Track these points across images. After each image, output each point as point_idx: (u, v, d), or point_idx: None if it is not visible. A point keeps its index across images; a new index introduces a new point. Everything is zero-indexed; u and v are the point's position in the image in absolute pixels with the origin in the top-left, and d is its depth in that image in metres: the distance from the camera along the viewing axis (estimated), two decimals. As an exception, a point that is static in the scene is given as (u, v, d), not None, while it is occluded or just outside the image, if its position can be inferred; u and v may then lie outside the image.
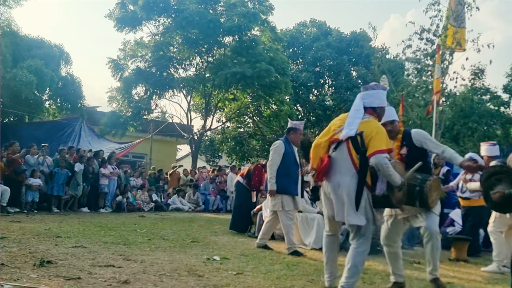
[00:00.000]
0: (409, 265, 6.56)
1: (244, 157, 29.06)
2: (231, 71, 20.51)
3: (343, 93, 26.24)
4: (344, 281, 4.21)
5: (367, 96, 4.44)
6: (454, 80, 15.01)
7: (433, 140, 4.77)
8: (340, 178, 4.18)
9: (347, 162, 4.19)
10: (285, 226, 6.98)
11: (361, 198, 4.10)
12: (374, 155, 4.04)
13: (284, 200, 6.93)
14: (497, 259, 6.43)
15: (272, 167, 6.95)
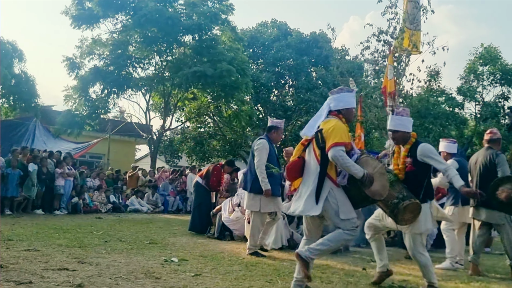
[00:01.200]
0: (366, 263, 6.65)
1: (205, 157, 28.87)
2: (191, 70, 20.32)
3: (304, 94, 26.41)
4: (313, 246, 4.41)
5: (332, 100, 4.70)
6: (410, 81, 15.30)
7: (437, 158, 4.80)
8: (307, 177, 4.50)
9: (313, 160, 4.49)
10: (254, 227, 6.91)
11: (321, 190, 4.32)
12: (330, 149, 4.27)
13: (262, 201, 6.81)
14: (450, 256, 6.59)
15: (262, 166, 6.77)
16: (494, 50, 25.68)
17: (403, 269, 6.29)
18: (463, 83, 26.15)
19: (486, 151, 6.38)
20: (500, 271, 6.65)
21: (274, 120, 7.37)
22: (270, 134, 7.11)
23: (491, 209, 6.05)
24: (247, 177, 7.04)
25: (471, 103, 26.71)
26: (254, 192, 6.83)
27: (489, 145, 6.45)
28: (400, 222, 4.63)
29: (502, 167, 6.03)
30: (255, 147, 6.94)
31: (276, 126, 7.15)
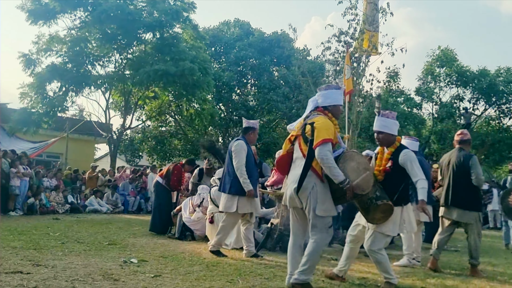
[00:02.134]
0: (326, 261, 6.71)
1: (166, 156, 28.58)
2: (153, 68, 20.05)
3: (266, 93, 26.49)
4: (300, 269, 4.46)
5: (319, 96, 4.75)
6: (370, 82, 15.57)
7: (415, 167, 4.86)
8: (293, 171, 4.61)
9: (299, 155, 4.59)
10: (223, 227, 6.83)
11: (303, 180, 4.37)
12: (317, 146, 4.32)
13: (240, 202, 6.71)
14: (407, 253, 6.72)
15: (242, 167, 6.67)
16: (450, 52, 26.46)
17: (362, 267, 6.38)
18: (421, 84, 26.86)
19: (459, 152, 6.52)
20: (455, 267, 6.84)
21: (249, 121, 7.28)
22: (247, 135, 7.04)
23: (463, 209, 6.29)
24: (225, 179, 6.90)
25: (429, 103, 27.48)
26: (232, 193, 6.72)
27: (460, 146, 6.61)
28: (371, 221, 4.71)
29: (476, 170, 6.24)
30: (232, 149, 6.84)
31: (253, 127, 7.11)
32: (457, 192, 6.29)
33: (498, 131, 25.34)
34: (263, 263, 6.19)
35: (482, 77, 25.48)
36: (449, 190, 6.36)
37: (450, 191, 6.34)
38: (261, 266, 5.96)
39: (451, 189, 6.34)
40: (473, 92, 26.34)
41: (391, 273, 4.87)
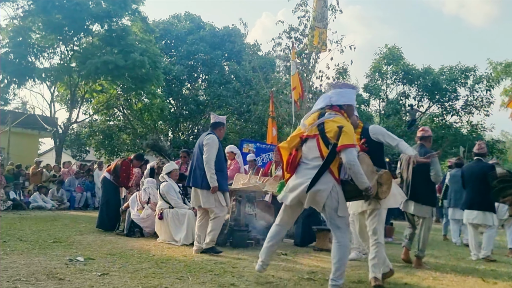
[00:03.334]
0: (276, 256, 6.75)
1: (114, 151, 27.96)
2: (101, 60, 19.52)
3: (217, 88, 26.37)
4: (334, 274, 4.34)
5: (334, 95, 4.54)
6: (319, 78, 15.78)
7: (390, 134, 5.03)
8: (303, 171, 4.41)
9: (313, 156, 4.40)
10: (218, 222, 6.74)
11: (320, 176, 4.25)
12: (344, 150, 4.19)
13: (219, 197, 6.69)
14: (355, 247, 6.86)
15: (211, 162, 6.62)
16: (397, 50, 27.17)
17: (311, 261, 6.47)
18: (369, 81, 27.44)
19: (420, 148, 6.70)
20: (400, 259, 7.03)
21: (219, 116, 7.24)
22: (217, 130, 6.97)
23: (420, 203, 6.53)
24: (196, 173, 6.76)
25: (376, 100, 28.13)
26: (207, 189, 6.63)
27: (421, 142, 6.82)
28: (381, 195, 4.65)
29: (435, 166, 6.46)
30: (204, 142, 6.74)
31: (222, 122, 7.10)
32: (415, 187, 6.47)
33: (441, 127, 26.22)
34: (212, 259, 6.16)
35: (427, 75, 26.30)
36: (408, 184, 6.52)
37: (409, 186, 6.50)
38: (211, 262, 5.93)
39: (410, 183, 6.50)
40: (418, 90, 27.14)
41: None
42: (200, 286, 4.45)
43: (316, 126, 4.42)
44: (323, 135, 4.34)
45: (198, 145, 6.92)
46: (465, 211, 7.95)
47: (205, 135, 6.89)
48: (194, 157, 6.99)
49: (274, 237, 4.73)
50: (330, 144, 4.28)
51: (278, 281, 4.91)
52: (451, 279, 5.69)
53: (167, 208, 7.87)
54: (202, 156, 6.73)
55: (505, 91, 27.33)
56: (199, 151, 6.83)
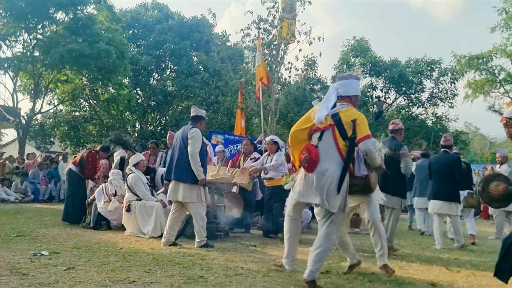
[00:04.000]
0: (245, 248, 6.76)
1: (80, 143, 27.40)
2: (66, 48, 19.04)
3: (185, 79, 26.11)
4: (312, 265, 4.30)
5: (341, 86, 4.53)
6: (288, 70, 15.79)
7: None
8: (325, 166, 4.27)
9: (332, 151, 4.31)
10: (201, 218, 6.66)
11: (342, 184, 4.24)
12: (363, 141, 4.22)
13: (200, 191, 6.65)
14: None
15: (196, 155, 6.57)
16: (364, 43, 27.43)
17: (280, 252, 6.47)
18: (337, 72, 27.60)
19: (391, 141, 6.89)
20: (367, 249, 7.15)
21: (200, 110, 7.20)
22: (199, 124, 6.94)
23: (390, 194, 6.67)
24: (180, 167, 6.67)
25: (344, 92, 28.29)
26: (190, 183, 6.59)
27: (392, 135, 7.01)
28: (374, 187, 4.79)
29: (405, 159, 6.66)
30: (189, 135, 6.65)
31: (203, 116, 7.10)
32: (386, 178, 6.53)
33: (408, 119, 26.63)
34: (181, 252, 6.11)
35: (394, 67, 26.65)
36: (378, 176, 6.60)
37: (380, 177, 6.57)
38: (179, 254, 5.88)
39: (382, 177, 6.58)
40: (385, 82, 27.48)
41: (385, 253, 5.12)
42: (169, 279, 4.41)
43: (330, 116, 4.36)
44: (340, 126, 4.30)
45: (180, 138, 6.80)
46: (431, 201, 8.13)
47: (189, 128, 6.79)
48: (175, 150, 6.87)
49: (292, 232, 4.74)
50: (346, 137, 4.27)
51: (247, 272, 4.91)
52: (416, 268, 5.80)
53: (135, 200, 7.77)
54: (185, 149, 6.66)
55: (469, 83, 27.97)
56: (182, 144, 6.73)
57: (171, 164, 6.86)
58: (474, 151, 46.49)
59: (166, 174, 7.00)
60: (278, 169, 8.25)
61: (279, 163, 8.23)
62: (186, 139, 6.68)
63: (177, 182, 6.66)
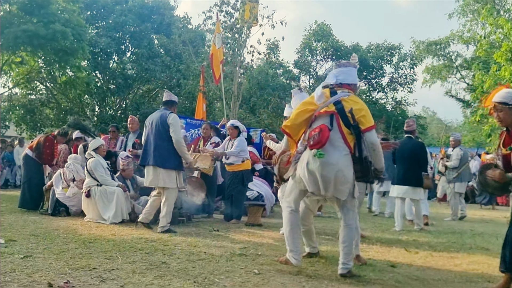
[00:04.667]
0: (208, 233, 6.73)
1: (36, 127, 26.59)
2: (21, 28, 18.34)
3: (145, 62, 25.58)
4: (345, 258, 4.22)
5: (340, 73, 4.39)
6: (251, 53, 15.72)
7: None
8: (331, 155, 4.09)
9: (338, 139, 4.15)
10: (170, 204, 6.64)
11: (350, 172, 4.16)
12: (370, 131, 4.13)
13: (178, 177, 6.63)
14: None
15: (182, 141, 6.69)
16: (326, 27, 27.54)
17: (243, 237, 6.50)
18: (299, 57, 27.69)
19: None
20: (329, 232, 7.25)
21: (173, 95, 7.19)
22: (173, 108, 6.94)
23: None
24: (160, 153, 6.61)
25: (306, 76, 28.51)
26: (171, 168, 6.59)
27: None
28: None
29: None
30: (169, 122, 6.62)
31: (176, 101, 7.13)
32: None
33: (368, 103, 27.00)
34: (143, 237, 6.03)
35: (355, 52, 26.88)
36: None
37: None
38: (141, 240, 5.80)
39: None
40: (346, 66, 27.74)
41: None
42: (130, 266, 4.34)
43: (332, 103, 4.21)
44: (343, 114, 4.16)
45: (158, 124, 6.70)
46: (396, 186, 8.34)
47: (167, 114, 6.73)
48: (152, 136, 6.75)
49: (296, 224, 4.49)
50: (350, 124, 4.14)
51: (210, 257, 4.88)
52: (376, 249, 5.92)
53: (95, 186, 7.60)
54: (165, 135, 6.62)
55: (427, 69, 28.60)
56: (161, 129, 6.66)
57: (147, 149, 6.78)
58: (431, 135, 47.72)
59: (142, 159, 6.89)
60: (239, 155, 8.23)
61: (240, 148, 8.20)
62: (166, 125, 6.63)
63: (157, 168, 6.62)
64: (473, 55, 28.16)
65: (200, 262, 4.62)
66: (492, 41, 21.72)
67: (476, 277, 4.47)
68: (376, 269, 4.66)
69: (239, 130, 8.41)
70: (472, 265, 5.10)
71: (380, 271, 4.55)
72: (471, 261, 5.30)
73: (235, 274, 4.19)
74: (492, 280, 4.35)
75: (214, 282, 3.86)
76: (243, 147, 8.28)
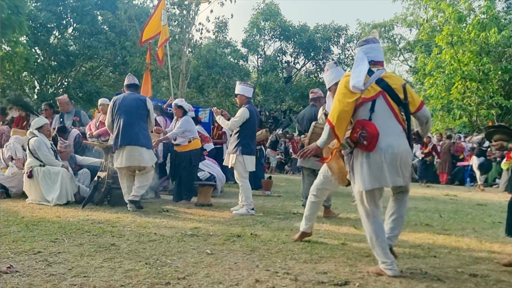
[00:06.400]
0: (157, 213, 6.61)
1: (-28, 104, 25.26)
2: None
3: (88, 38, 24.63)
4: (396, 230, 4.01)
5: (371, 50, 3.94)
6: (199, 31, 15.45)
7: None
8: (389, 141, 3.62)
9: (391, 120, 3.73)
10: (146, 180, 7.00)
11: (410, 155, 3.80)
12: (423, 107, 3.88)
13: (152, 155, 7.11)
14: (246, 203, 6.92)
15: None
16: (274, 7, 27.48)
17: (193, 217, 6.42)
18: (247, 36, 27.54)
19: (311, 108, 7.26)
20: (279, 211, 7.28)
21: (135, 78, 7.38)
22: (138, 91, 7.31)
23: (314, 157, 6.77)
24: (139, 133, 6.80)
25: (254, 56, 28.43)
26: (149, 147, 6.94)
27: (312, 103, 7.35)
28: None
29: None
30: (149, 107, 7.02)
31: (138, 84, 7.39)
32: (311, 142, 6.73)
33: (316, 84, 27.33)
34: (90, 219, 5.84)
35: (303, 32, 27.06)
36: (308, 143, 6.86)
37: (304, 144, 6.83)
38: (87, 222, 5.61)
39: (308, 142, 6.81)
40: (294, 47, 27.87)
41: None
42: (78, 248, 4.18)
43: (374, 83, 3.78)
44: (391, 91, 3.76)
45: (134, 105, 6.90)
46: None
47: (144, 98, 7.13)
48: (129, 116, 6.84)
49: (382, 231, 3.80)
50: (401, 102, 3.76)
51: (161, 238, 4.78)
52: (326, 228, 5.99)
53: (38, 166, 7.28)
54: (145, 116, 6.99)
55: (372, 50, 29.10)
56: (141, 112, 6.93)
57: (125, 130, 6.78)
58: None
59: (122, 140, 6.77)
60: (184, 135, 8.08)
61: (184, 128, 8.06)
62: (145, 109, 6.97)
63: (138, 148, 6.77)
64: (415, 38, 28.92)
65: (151, 243, 4.51)
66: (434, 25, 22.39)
67: (422, 253, 4.59)
68: (327, 247, 4.71)
69: (184, 110, 8.24)
70: (418, 240, 5.24)
71: (331, 249, 4.59)
72: (416, 237, 5.45)
73: (187, 254, 4.12)
74: (438, 255, 4.48)
75: (166, 263, 3.77)
76: (187, 127, 8.11)
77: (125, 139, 6.74)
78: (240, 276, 3.49)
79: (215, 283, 3.30)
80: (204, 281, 3.33)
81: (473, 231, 6.06)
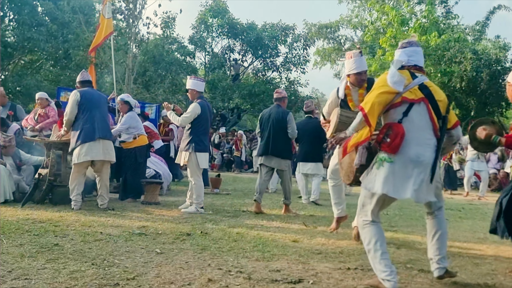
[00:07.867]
0: (102, 212, 6.41)
1: None
2: None
3: (27, 30, 23.53)
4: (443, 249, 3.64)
5: (414, 53, 3.59)
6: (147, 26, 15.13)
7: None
8: (420, 150, 3.32)
9: (427, 130, 3.40)
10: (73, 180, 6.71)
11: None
12: (457, 126, 3.60)
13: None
14: (196, 202, 6.82)
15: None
16: (222, 4, 27.33)
17: (141, 215, 6.25)
18: (195, 32, 27.25)
19: (277, 108, 7.43)
20: (228, 209, 7.24)
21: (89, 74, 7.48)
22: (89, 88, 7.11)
23: (280, 158, 7.26)
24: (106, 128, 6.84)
25: (202, 52, 28.17)
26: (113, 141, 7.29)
27: (277, 103, 7.50)
28: None
29: (291, 124, 7.28)
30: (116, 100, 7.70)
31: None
32: (276, 143, 7.21)
33: (263, 82, 27.42)
34: (30, 218, 5.55)
35: (251, 30, 27.05)
36: (269, 141, 7.24)
37: (270, 142, 7.22)
38: (28, 221, 5.32)
39: (271, 140, 7.22)
40: (242, 44, 27.82)
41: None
42: (18, 249, 3.94)
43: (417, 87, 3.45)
44: (433, 101, 3.45)
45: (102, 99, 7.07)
46: (301, 163, 9.05)
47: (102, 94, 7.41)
48: (100, 110, 6.84)
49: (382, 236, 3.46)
50: (440, 115, 3.46)
51: (107, 238, 4.60)
52: (277, 225, 5.98)
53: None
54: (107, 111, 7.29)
55: (318, 51, 29.45)
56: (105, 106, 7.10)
57: (100, 123, 6.70)
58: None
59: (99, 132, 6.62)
60: (128, 131, 7.88)
61: (127, 125, 7.86)
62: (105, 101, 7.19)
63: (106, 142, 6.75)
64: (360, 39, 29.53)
65: (97, 243, 4.33)
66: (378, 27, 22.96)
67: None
68: (279, 244, 4.68)
69: (129, 105, 8.04)
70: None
71: (283, 247, 4.57)
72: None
73: (136, 254, 3.98)
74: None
75: (114, 264, 3.62)
76: (132, 123, 7.91)
77: (101, 132, 6.66)
78: (192, 276, 3.40)
79: (167, 283, 3.20)
80: (155, 281, 3.22)
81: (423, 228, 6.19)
